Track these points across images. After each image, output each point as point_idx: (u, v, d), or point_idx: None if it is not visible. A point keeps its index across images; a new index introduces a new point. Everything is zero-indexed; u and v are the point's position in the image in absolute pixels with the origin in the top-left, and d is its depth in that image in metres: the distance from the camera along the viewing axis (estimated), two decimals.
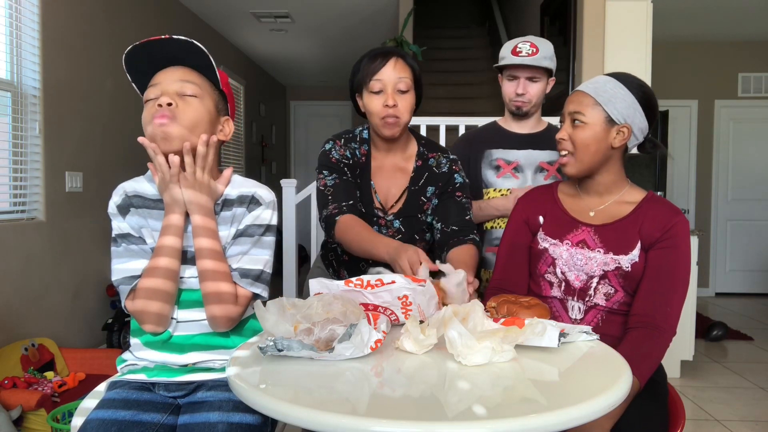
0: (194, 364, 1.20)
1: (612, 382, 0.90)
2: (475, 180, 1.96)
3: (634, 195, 1.39)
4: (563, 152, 1.37)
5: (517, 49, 1.88)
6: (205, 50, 1.17)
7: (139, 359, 1.22)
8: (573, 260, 1.36)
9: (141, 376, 1.19)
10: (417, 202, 1.57)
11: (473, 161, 1.97)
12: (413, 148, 1.63)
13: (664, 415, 1.27)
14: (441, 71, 6.21)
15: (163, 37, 1.16)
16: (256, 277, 1.20)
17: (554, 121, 1.90)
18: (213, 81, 1.22)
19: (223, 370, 1.16)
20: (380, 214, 1.55)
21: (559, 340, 1.05)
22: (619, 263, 1.31)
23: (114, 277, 1.19)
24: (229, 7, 4.96)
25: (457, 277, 1.23)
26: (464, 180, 1.63)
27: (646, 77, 3.32)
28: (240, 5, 4.94)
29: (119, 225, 1.20)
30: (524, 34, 2.02)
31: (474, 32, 7.22)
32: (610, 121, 1.31)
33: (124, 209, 1.20)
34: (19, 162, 2.76)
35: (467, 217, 1.59)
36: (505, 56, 1.91)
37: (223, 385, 1.17)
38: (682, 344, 3.27)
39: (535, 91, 1.90)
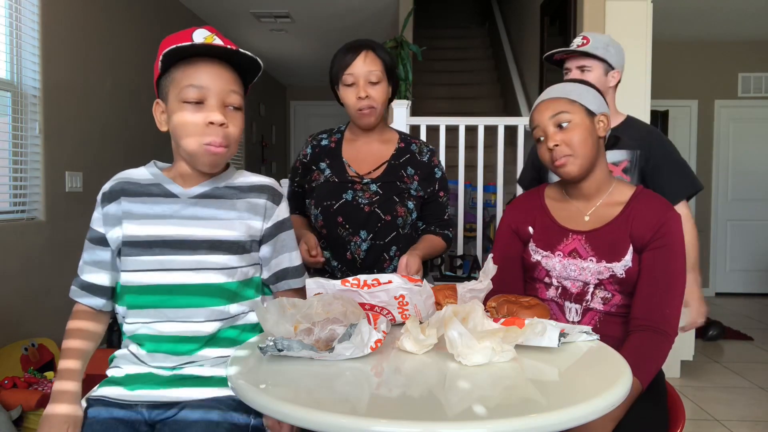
0: (187, 352, 1.14)
1: (612, 382, 0.90)
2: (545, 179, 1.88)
3: (623, 193, 1.34)
4: (562, 157, 1.30)
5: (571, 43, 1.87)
6: (262, 66, 1.14)
7: (127, 362, 1.18)
8: (567, 271, 1.33)
9: (120, 390, 1.13)
10: (397, 173, 1.65)
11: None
12: (393, 135, 1.72)
13: (663, 416, 1.27)
14: (441, 71, 6.20)
15: (230, 47, 1.08)
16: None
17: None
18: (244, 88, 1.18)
19: (212, 383, 1.11)
20: (356, 180, 1.64)
21: (559, 340, 1.05)
22: (613, 271, 1.29)
23: (78, 272, 1.22)
24: (229, 7, 4.96)
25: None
26: (443, 173, 1.73)
27: (646, 77, 3.32)
28: (240, 5, 4.94)
29: (95, 214, 1.17)
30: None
31: (474, 32, 7.21)
32: (590, 113, 1.31)
33: (108, 196, 1.16)
34: (19, 162, 2.76)
35: (446, 216, 1.72)
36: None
37: (206, 406, 1.09)
38: (682, 344, 3.27)
39: (591, 78, 1.81)
